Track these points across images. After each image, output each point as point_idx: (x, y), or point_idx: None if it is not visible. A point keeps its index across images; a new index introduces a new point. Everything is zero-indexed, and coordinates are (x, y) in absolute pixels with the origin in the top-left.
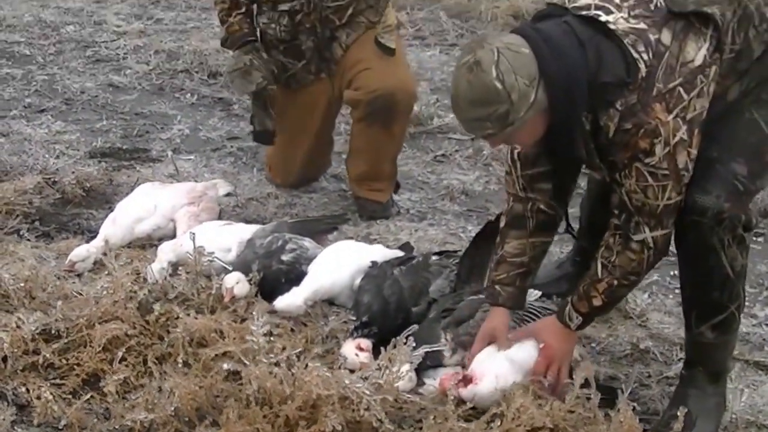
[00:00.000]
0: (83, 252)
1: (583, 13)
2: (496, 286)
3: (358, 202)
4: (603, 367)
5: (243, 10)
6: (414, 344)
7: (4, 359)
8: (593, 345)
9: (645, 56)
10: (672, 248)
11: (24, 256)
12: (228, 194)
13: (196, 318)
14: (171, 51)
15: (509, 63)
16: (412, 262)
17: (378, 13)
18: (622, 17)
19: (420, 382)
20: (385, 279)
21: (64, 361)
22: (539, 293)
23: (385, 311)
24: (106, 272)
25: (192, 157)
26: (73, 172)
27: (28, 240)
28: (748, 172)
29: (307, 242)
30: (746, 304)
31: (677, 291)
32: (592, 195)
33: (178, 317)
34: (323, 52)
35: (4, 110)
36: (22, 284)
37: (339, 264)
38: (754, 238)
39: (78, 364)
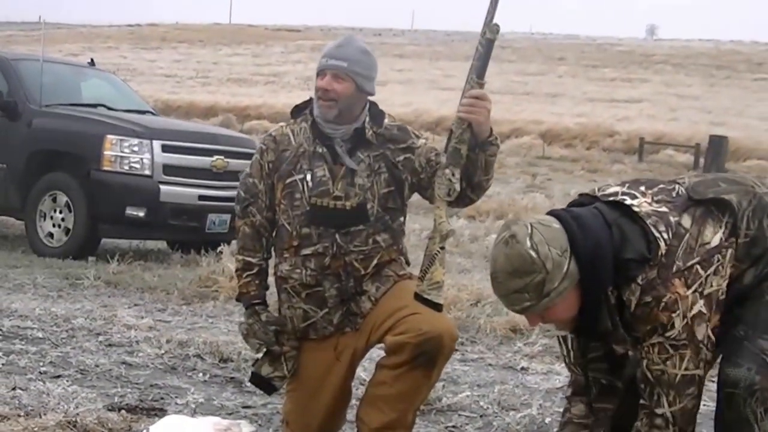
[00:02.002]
0: None
1: (611, 198)
2: None
3: None
4: None
5: (254, 270)
6: None
7: None
8: None
9: (665, 235)
10: None
11: None
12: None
13: None
14: (182, 340)
15: (542, 235)
16: None
17: (402, 267)
18: (645, 201)
19: None
20: None
21: None
22: None
23: None
24: None
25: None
26: (95, 414)
27: None
28: None
29: None
30: None
31: None
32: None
33: None
34: (350, 305)
35: (20, 375)
36: None
37: None
38: None
39: None
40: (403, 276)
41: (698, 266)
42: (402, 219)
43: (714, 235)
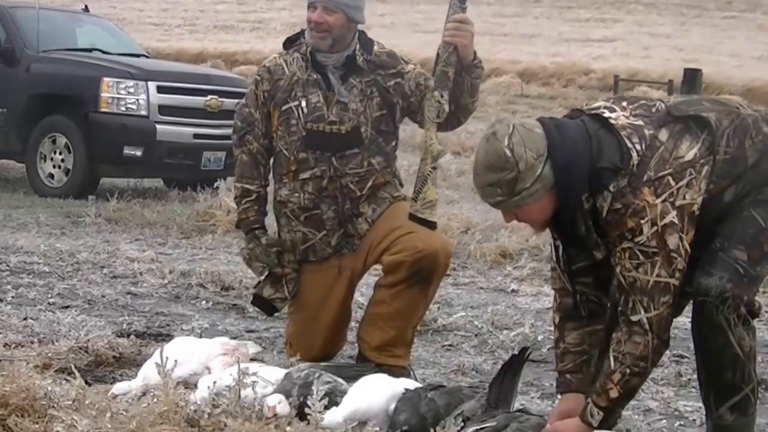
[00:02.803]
0: (125, 387)
1: (593, 111)
2: (567, 375)
3: (380, 370)
4: None
5: (252, 197)
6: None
7: None
8: None
9: (638, 146)
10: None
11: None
12: (257, 354)
13: (243, 425)
14: (184, 271)
15: (521, 137)
16: (445, 387)
17: (397, 189)
18: (623, 115)
19: None
20: (420, 399)
21: None
22: None
23: (423, 425)
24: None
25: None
26: (105, 340)
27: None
28: (748, 258)
29: (340, 379)
30: None
31: None
32: None
33: (225, 425)
34: (347, 227)
35: (30, 306)
36: (69, 401)
37: (375, 389)
38: None
39: None
40: (398, 198)
41: (669, 177)
42: (394, 143)
43: (689, 150)
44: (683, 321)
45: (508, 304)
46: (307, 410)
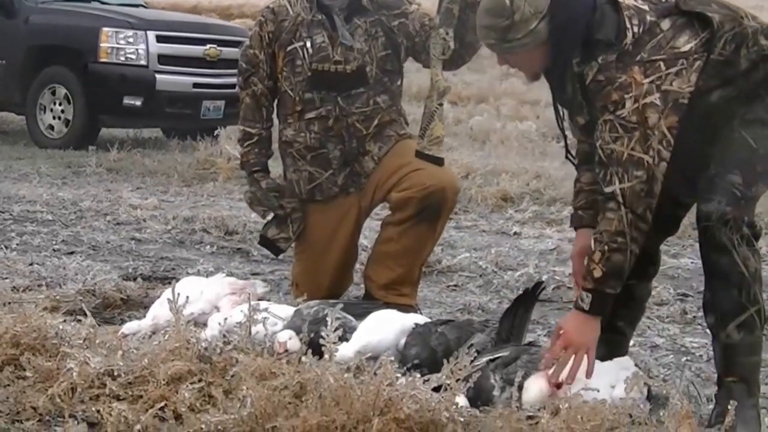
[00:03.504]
0: (134, 326)
1: None
2: (579, 212)
3: (388, 308)
4: None
5: (254, 140)
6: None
7: (73, 389)
8: None
9: (635, 28)
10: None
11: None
12: (265, 294)
13: (254, 360)
14: (187, 217)
15: None
16: (455, 321)
17: (402, 127)
18: None
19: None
20: (430, 334)
21: (130, 393)
22: None
23: (434, 358)
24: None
25: None
26: (112, 282)
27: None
28: (743, 181)
29: (350, 316)
30: None
31: None
32: None
33: (237, 361)
34: (353, 165)
35: (35, 252)
36: (80, 340)
37: (385, 324)
38: None
39: (143, 396)
40: (404, 135)
41: (662, 62)
42: (399, 81)
43: (686, 44)
44: (685, 261)
45: (511, 245)
46: (321, 341)
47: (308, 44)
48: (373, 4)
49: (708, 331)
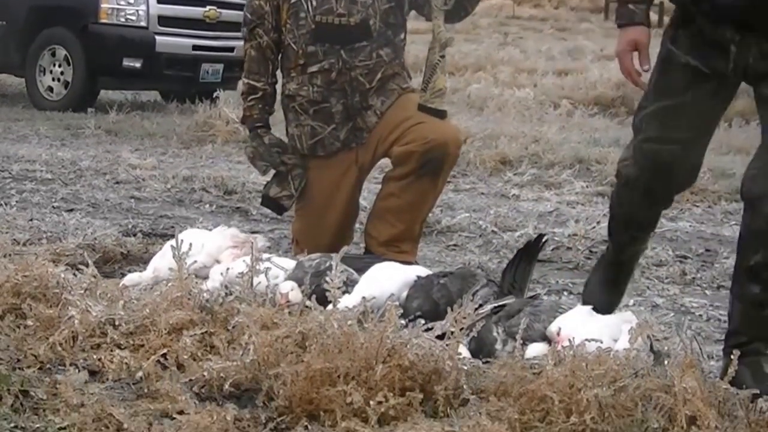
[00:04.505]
0: (135, 278)
1: None
2: (630, 6)
3: None
4: None
5: (258, 94)
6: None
7: (74, 338)
8: None
9: None
10: None
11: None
12: (267, 248)
13: (257, 310)
14: (186, 176)
15: None
16: (456, 272)
17: (405, 81)
18: None
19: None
20: (432, 286)
21: (131, 342)
22: None
23: (436, 311)
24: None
25: None
26: (112, 237)
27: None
28: None
29: (351, 269)
30: None
31: None
32: None
33: (239, 311)
34: (356, 120)
35: (35, 208)
36: (81, 291)
37: (387, 276)
38: None
39: (144, 345)
40: (407, 89)
41: None
42: (403, 35)
43: None
44: (683, 225)
45: (510, 207)
46: (325, 287)
47: None
48: None
49: (707, 292)
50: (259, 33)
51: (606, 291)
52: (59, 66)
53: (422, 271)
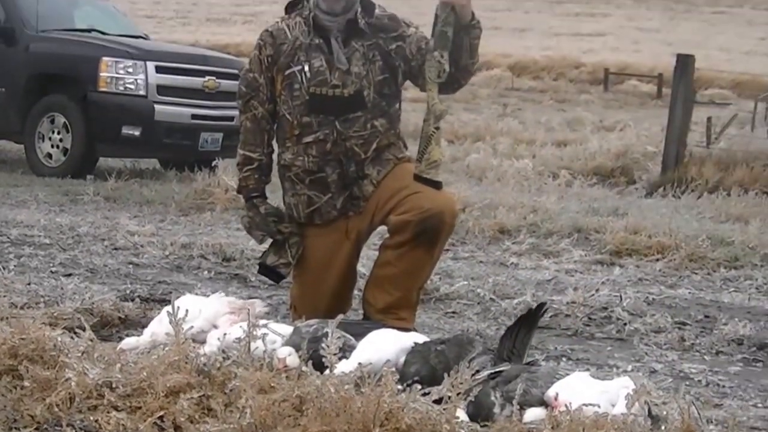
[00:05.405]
0: (133, 342)
1: None
2: None
3: None
4: None
5: (254, 165)
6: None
7: (71, 399)
8: None
9: None
10: None
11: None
12: (265, 314)
13: (254, 374)
14: (185, 243)
15: None
16: (454, 339)
17: (401, 150)
18: None
19: None
20: (430, 352)
21: (128, 404)
22: None
23: (433, 376)
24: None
25: None
26: (110, 302)
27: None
28: None
29: (349, 335)
30: None
31: None
32: None
33: (236, 375)
34: (352, 189)
35: (33, 272)
36: (78, 354)
37: (384, 342)
38: None
39: (141, 407)
40: (402, 159)
41: None
42: (397, 105)
43: None
44: (682, 292)
45: (508, 275)
46: (322, 353)
47: (306, 68)
48: (371, 28)
49: (706, 357)
50: (254, 105)
51: None
52: (58, 133)
53: (420, 337)
